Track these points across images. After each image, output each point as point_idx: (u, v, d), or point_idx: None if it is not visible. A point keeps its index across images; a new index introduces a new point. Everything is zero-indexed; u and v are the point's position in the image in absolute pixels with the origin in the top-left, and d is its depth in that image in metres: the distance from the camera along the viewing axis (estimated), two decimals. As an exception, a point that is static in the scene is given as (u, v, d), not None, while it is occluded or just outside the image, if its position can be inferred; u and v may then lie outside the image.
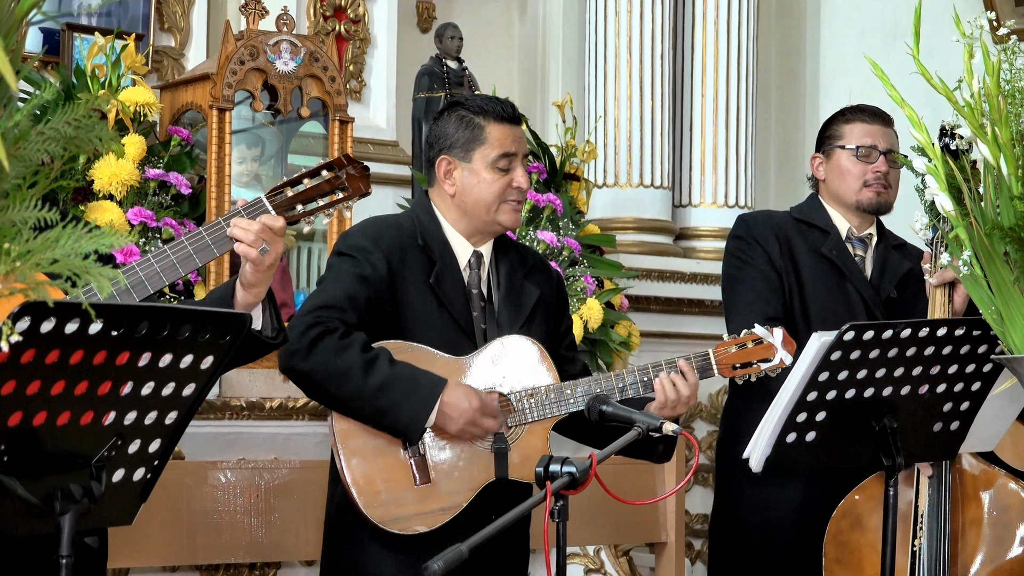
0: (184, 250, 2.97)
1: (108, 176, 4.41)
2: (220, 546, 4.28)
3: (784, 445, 3.34)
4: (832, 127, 4.28)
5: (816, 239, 4.21)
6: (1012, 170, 3.01)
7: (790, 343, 3.59)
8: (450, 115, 3.62)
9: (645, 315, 6.14)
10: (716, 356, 3.59)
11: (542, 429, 3.53)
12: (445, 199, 3.61)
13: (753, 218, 4.35)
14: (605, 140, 6.45)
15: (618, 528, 5.17)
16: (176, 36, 5.38)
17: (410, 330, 3.49)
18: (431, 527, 3.41)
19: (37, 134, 2.13)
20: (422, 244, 3.56)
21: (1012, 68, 3.03)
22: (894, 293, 4.20)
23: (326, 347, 3.36)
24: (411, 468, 3.42)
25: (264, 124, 5.01)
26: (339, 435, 3.43)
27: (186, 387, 2.57)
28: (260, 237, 2.98)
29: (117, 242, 2.11)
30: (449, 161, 3.59)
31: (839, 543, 3.91)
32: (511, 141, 3.58)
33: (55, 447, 2.44)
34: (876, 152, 4.18)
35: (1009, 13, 6.73)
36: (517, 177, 3.57)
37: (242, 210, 3.04)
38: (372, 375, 3.36)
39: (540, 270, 3.77)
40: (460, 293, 3.56)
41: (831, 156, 4.23)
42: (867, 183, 4.17)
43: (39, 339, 2.27)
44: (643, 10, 6.46)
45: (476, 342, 3.55)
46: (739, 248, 4.23)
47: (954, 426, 3.51)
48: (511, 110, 3.63)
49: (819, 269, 4.16)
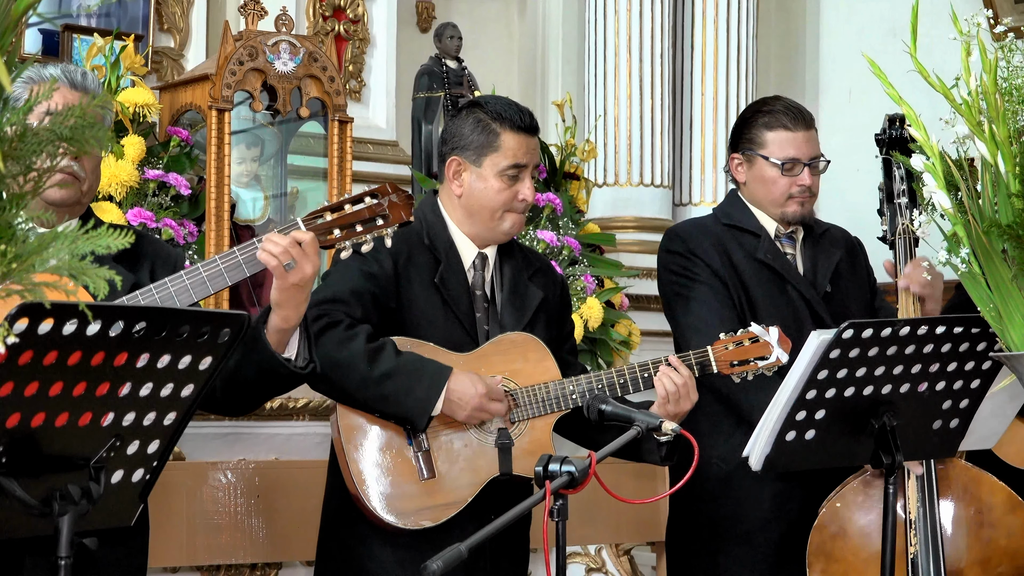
0: (215, 268, 2.98)
1: (108, 177, 4.41)
2: (221, 546, 4.28)
3: (784, 443, 3.33)
4: (752, 130, 4.08)
5: (749, 243, 4.07)
6: (1010, 167, 3.01)
7: (786, 341, 3.59)
8: (468, 115, 3.60)
9: (645, 314, 6.14)
10: (715, 353, 3.60)
11: (545, 425, 3.53)
12: (452, 199, 3.61)
13: (686, 230, 4.17)
14: (605, 139, 6.46)
15: (619, 527, 5.17)
16: (175, 37, 5.38)
17: (414, 329, 3.50)
18: (437, 521, 3.41)
19: (34, 135, 2.13)
20: (428, 243, 3.57)
21: (1009, 65, 3.03)
22: (829, 288, 4.12)
23: (331, 338, 3.37)
24: (416, 463, 3.43)
25: (263, 124, 5.01)
26: (344, 431, 3.43)
27: (185, 388, 2.57)
28: (288, 251, 2.97)
29: (114, 243, 2.11)
30: (459, 162, 3.58)
31: (823, 553, 3.88)
32: (524, 152, 3.57)
33: (53, 448, 2.44)
34: (800, 165, 4.02)
35: (1008, 10, 6.73)
36: (523, 190, 3.57)
37: (277, 229, 3.05)
38: (378, 363, 3.36)
39: (544, 272, 3.77)
40: (464, 293, 3.57)
41: (752, 162, 4.07)
42: (791, 196, 4.03)
43: (37, 340, 2.27)
44: (643, 9, 6.46)
45: (479, 343, 3.55)
46: (680, 264, 4.07)
47: (953, 424, 3.51)
48: (529, 120, 3.60)
49: (759, 275, 4.06)
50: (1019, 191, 3.01)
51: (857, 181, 6.26)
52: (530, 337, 3.57)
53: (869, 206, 4.29)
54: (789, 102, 4.11)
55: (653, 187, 6.48)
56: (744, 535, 4.01)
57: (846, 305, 4.09)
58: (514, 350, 3.54)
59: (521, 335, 3.56)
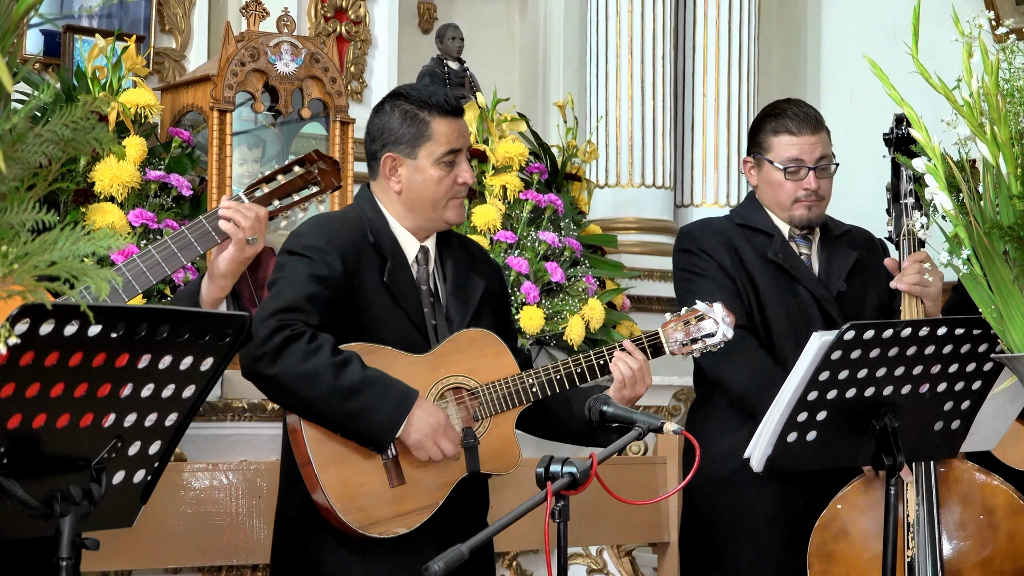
0: (168, 249, 3.01)
1: (109, 178, 4.41)
2: (222, 548, 4.28)
3: (785, 444, 3.34)
4: (760, 133, 4.13)
5: (761, 243, 4.11)
6: (1011, 169, 3.01)
7: (730, 316, 3.62)
8: (393, 109, 3.55)
9: (647, 315, 6.14)
10: (665, 334, 3.60)
11: (508, 420, 3.52)
12: (390, 195, 3.55)
13: (697, 229, 4.24)
14: (606, 140, 6.46)
15: (620, 528, 5.17)
16: (177, 38, 5.39)
17: (368, 330, 3.43)
18: (411, 528, 3.38)
19: (35, 136, 2.13)
20: (373, 241, 3.50)
21: (1011, 67, 3.03)
22: (844, 287, 4.14)
23: (295, 351, 3.29)
24: (385, 470, 3.40)
25: (265, 125, 5.02)
26: (310, 440, 3.36)
27: (186, 389, 2.57)
28: (254, 225, 3.05)
29: (115, 244, 2.11)
30: (395, 158, 3.52)
31: (824, 554, 3.88)
32: (456, 136, 3.52)
33: (55, 449, 2.44)
34: (804, 168, 4.05)
35: (1010, 12, 6.73)
36: (462, 173, 3.52)
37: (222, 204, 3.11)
38: (343, 377, 3.29)
39: (483, 261, 3.73)
40: (411, 290, 3.51)
41: (761, 166, 4.12)
42: (798, 199, 4.07)
43: (38, 341, 2.27)
44: (644, 10, 6.46)
45: (429, 339, 3.51)
46: (690, 262, 4.13)
47: (955, 425, 3.51)
48: (455, 102, 3.56)
49: (769, 274, 4.09)
50: (1020, 192, 3.01)
51: (858, 182, 6.27)
52: (486, 333, 3.54)
53: (870, 207, 4.30)
54: (799, 106, 4.13)
55: (654, 188, 6.48)
56: (750, 532, 4.02)
57: (861, 305, 4.10)
58: (472, 347, 3.51)
59: (478, 331, 3.53)
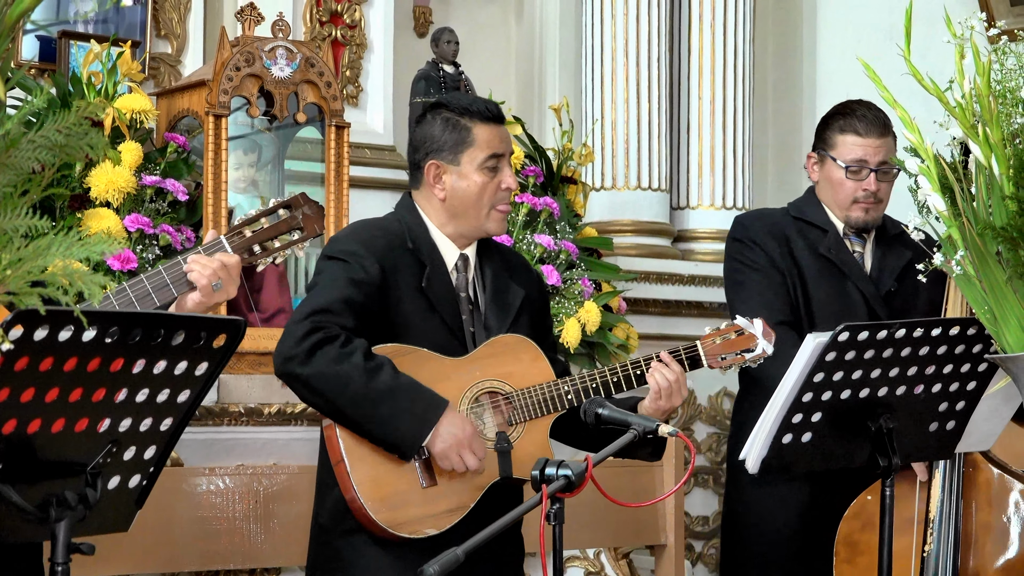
0: (142, 288, 3.01)
1: (105, 183, 4.41)
2: (219, 552, 4.28)
3: (780, 446, 3.34)
4: (827, 130, 4.20)
5: (815, 237, 4.18)
6: (1003, 170, 3.01)
7: (770, 333, 3.62)
8: (434, 117, 3.60)
9: (643, 318, 6.14)
10: (704, 347, 3.61)
11: (542, 427, 3.54)
12: (432, 202, 3.60)
13: (750, 219, 4.32)
14: (602, 143, 6.45)
15: (618, 530, 5.17)
16: (172, 43, 5.38)
17: (401, 335, 3.48)
18: (441, 529, 3.41)
19: (28, 142, 2.13)
20: (412, 247, 3.56)
21: (1003, 68, 3.04)
22: (895, 286, 4.17)
23: (327, 353, 3.34)
24: (417, 471, 3.43)
25: (261, 130, 5.02)
26: (344, 438, 3.41)
27: (181, 393, 2.57)
28: (216, 273, 3.05)
29: (109, 249, 2.11)
30: (438, 165, 3.57)
31: (850, 543, 3.91)
32: (499, 141, 3.59)
33: (50, 454, 2.45)
34: (866, 169, 4.10)
35: (1004, 12, 6.73)
36: (506, 178, 3.58)
37: (201, 249, 3.11)
38: (373, 382, 3.34)
39: (523, 270, 3.78)
40: (450, 296, 3.56)
41: (824, 162, 4.18)
42: (856, 200, 4.13)
43: (33, 347, 2.27)
44: (639, 13, 6.46)
45: (466, 346, 3.55)
46: (739, 251, 4.21)
47: (950, 426, 3.51)
48: (495, 109, 3.63)
49: (819, 268, 4.14)
50: (1013, 193, 3.02)
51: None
52: (522, 339, 3.57)
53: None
54: (868, 108, 4.19)
55: (651, 191, 6.48)
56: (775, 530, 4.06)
57: (911, 306, 4.12)
58: (507, 352, 3.54)
59: (513, 337, 3.57)
